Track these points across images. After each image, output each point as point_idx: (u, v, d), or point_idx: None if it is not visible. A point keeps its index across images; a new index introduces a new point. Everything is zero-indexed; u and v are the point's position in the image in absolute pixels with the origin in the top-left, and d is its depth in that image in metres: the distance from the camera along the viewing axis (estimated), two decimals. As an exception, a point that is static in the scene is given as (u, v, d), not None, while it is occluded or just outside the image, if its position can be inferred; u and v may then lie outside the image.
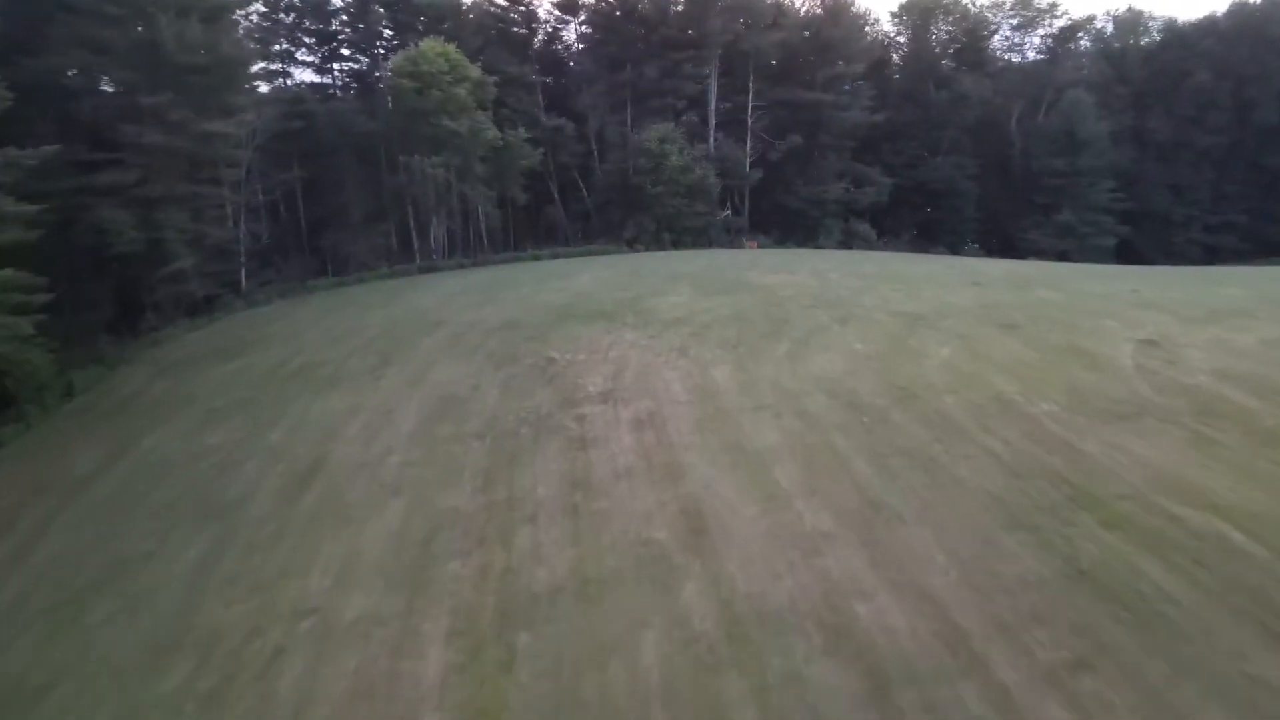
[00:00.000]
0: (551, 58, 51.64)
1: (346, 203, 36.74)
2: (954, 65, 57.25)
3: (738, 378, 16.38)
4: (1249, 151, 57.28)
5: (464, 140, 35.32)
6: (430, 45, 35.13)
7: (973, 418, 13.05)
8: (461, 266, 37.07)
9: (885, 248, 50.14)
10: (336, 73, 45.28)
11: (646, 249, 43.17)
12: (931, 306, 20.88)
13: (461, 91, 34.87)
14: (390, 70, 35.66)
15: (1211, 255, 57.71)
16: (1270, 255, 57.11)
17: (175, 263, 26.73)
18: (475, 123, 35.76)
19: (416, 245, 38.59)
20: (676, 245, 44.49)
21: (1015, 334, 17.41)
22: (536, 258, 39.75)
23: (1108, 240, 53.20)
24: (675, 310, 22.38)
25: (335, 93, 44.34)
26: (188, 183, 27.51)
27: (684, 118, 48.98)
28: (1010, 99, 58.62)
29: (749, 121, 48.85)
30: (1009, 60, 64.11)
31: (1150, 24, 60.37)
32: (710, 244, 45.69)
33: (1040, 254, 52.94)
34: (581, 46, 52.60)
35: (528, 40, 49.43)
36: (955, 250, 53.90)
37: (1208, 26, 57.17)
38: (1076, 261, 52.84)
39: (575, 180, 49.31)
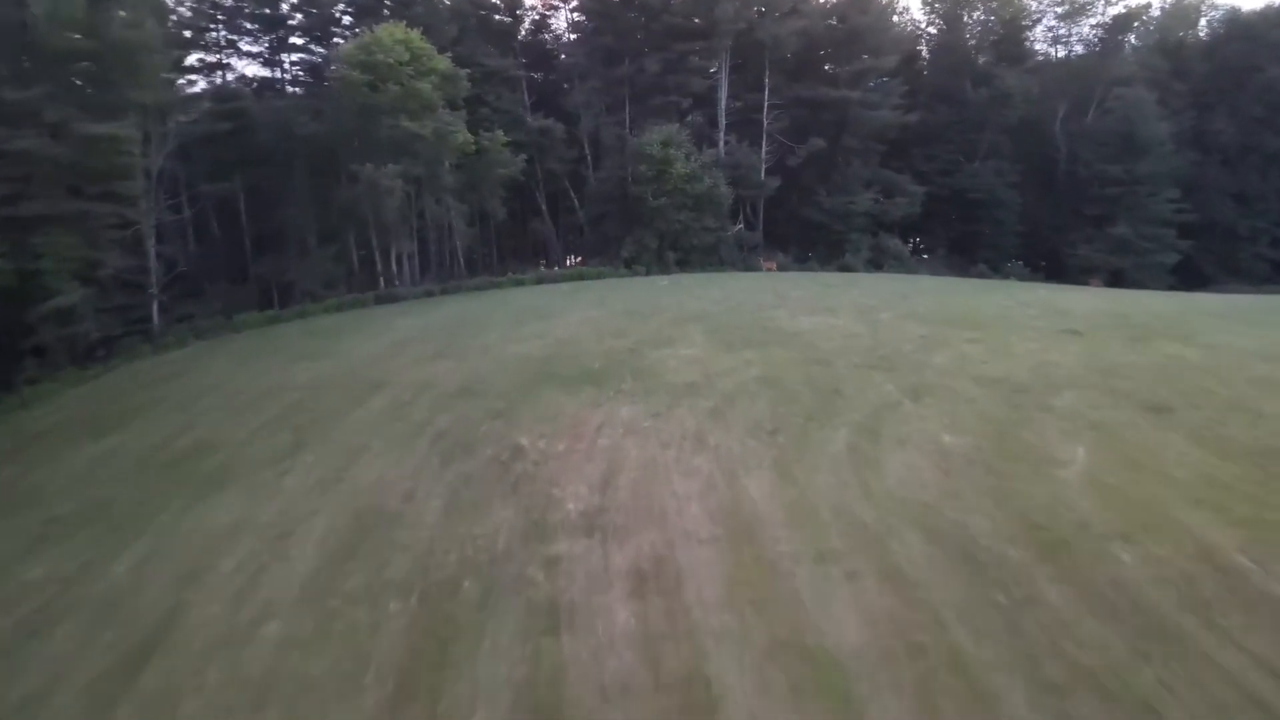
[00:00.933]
0: (539, 50, 47.33)
1: (290, 220, 32.13)
2: (990, 59, 52.78)
3: (783, 495, 11.70)
4: (1327, 156, 52.78)
5: (428, 144, 30.74)
6: (388, 31, 30.55)
7: (1183, 602, 8.36)
8: (429, 294, 32.44)
9: (921, 267, 45.63)
10: (287, 65, 40.82)
11: (648, 270, 38.62)
12: (1029, 368, 16.24)
13: (425, 86, 30.31)
14: (339, 60, 31.04)
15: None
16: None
17: (59, 298, 22.09)
18: (442, 124, 31.17)
19: (379, 269, 33.95)
20: (682, 265, 39.96)
21: (1173, 423, 12.75)
22: (519, 282, 35.15)
23: (1169, 256, 48.62)
24: (686, 370, 17.74)
25: (285, 89, 39.80)
26: (75, 199, 22.92)
27: (690, 118, 44.57)
28: (1054, 98, 54.27)
29: (764, 122, 44.38)
30: (1050, 54, 59.92)
31: (1210, 13, 56.06)
32: (721, 263, 41.15)
33: (1092, 272, 48.55)
34: (574, 37, 48.22)
35: (512, 29, 45.07)
36: (996, 268, 49.45)
37: (1275, 16, 52.77)
38: (1135, 282, 48.46)
39: (566, 190, 44.83)
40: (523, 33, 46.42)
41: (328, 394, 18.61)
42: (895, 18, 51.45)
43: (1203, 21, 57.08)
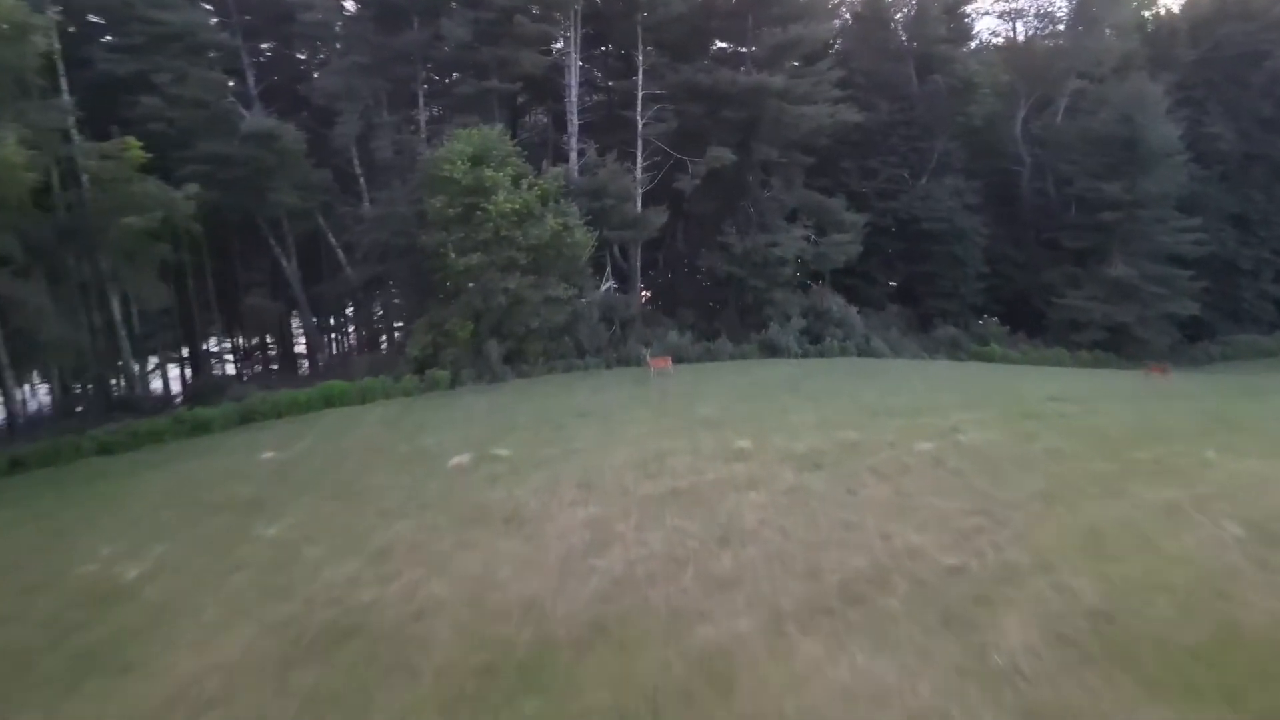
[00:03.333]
0: (269, 5, 31.49)
1: None
2: (926, 37, 41.09)
3: None
4: (1335, 167, 44.74)
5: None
6: None
7: None
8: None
9: (874, 335, 33.17)
10: None
11: (454, 379, 24.07)
12: None
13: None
14: None
15: (1290, 313, 44.91)
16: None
17: None
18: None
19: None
20: (515, 361, 25.58)
21: None
22: (193, 428, 19.75)
23: (1183, 305, 38.58)
24: None
25: None
26: None
27: (530, 117, 30.39)
28: (1013, 92, 43.80)
29: (638, 123, 30.66)
30: (998, 35, 49.87)
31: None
32: (579, 353, 27.03)
33: (1085, 328, 37.90)
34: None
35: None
36: (965, 326, 38.01)
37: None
38: (1140, 342, 38.23)
39: (320, 241, 29.47)
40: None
41: None
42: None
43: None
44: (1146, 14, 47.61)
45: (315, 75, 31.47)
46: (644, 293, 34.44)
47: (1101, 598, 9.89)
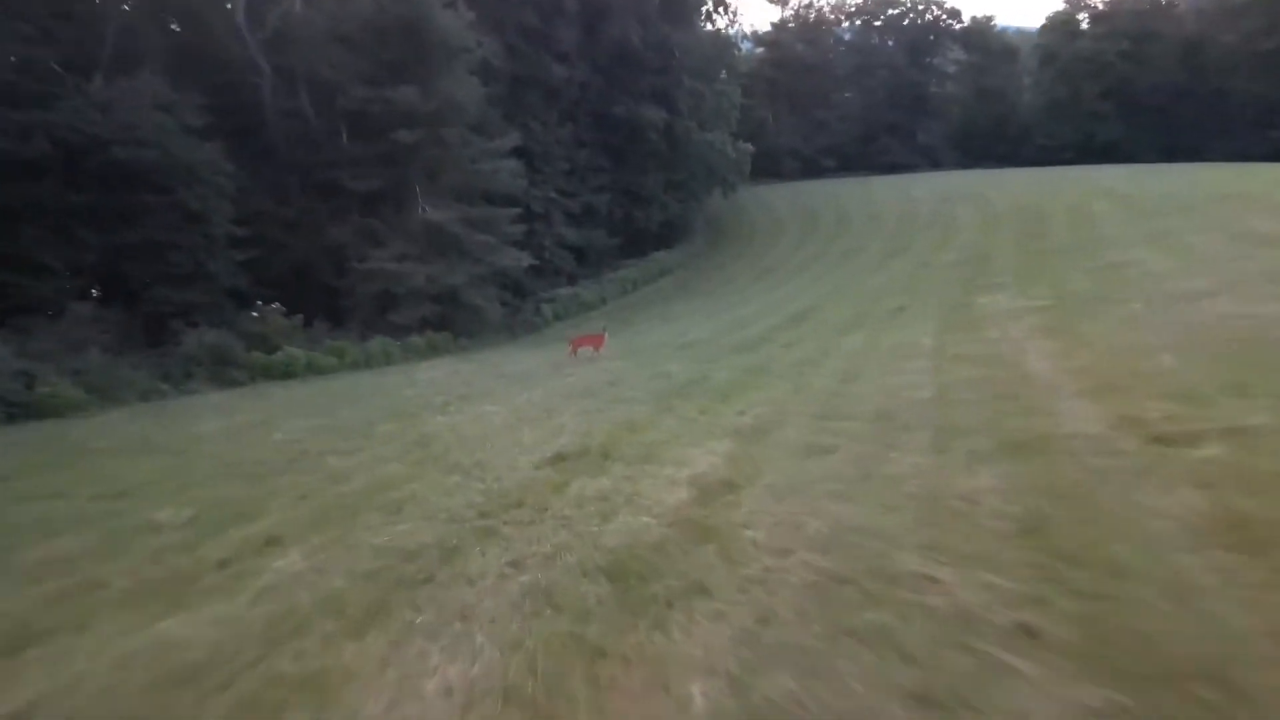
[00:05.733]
0: None
1: None
2: None
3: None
4: (594, 99, 41.65)
5: None
6: None
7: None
8: None
9: (53, 368, 15.56)
10: None
11: None
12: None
13: None
14: None
15: (581, 260, 40.78)
16: (640, 254, 43.64)
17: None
18: None
19: None
20: None
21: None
22: None
23: (517, 256, 29.71)
24: None
25: None
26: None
27: None
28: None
29: None
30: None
31: None
32: None
33: (406, 301, 26.48)
34: None
35: None
36: (227, 325, 22.38)
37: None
38: (476, 307, 28.34)
39: None
40: None
41: None
42: None
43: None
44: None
45: None
46: None
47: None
